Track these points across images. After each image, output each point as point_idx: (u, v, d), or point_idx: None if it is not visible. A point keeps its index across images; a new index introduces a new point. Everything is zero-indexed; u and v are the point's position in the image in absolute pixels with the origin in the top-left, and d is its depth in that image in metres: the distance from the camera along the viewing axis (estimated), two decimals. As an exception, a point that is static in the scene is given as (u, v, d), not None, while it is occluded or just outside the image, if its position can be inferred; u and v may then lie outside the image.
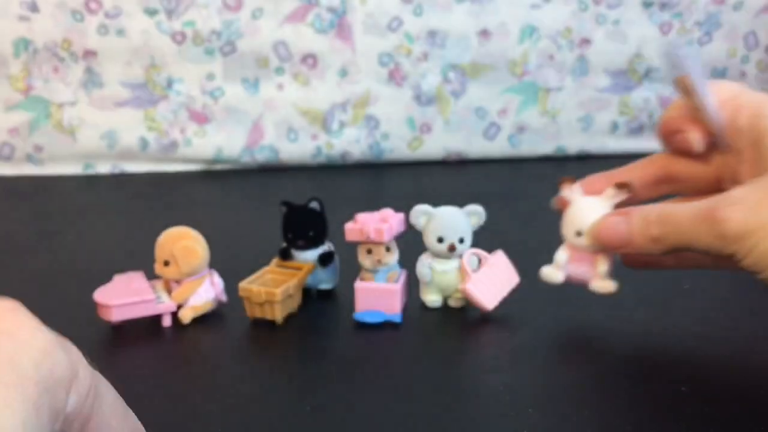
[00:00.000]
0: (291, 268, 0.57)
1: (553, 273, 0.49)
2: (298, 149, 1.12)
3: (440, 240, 0.54)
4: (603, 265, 0.48)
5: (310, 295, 0.58)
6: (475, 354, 0.50)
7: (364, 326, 0.53)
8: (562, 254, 0.49)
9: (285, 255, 0.58)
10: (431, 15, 1.08)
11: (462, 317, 0.55)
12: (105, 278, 0.55)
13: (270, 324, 0.53)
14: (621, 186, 0.45)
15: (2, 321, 0.21)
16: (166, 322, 0.53)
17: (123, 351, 0.50)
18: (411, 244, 0.56)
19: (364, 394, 0.43)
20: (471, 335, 0.53)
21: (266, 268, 0.57)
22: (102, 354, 0.49)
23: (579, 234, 0.47)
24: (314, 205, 0.57)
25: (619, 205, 0.45)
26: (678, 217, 0.39)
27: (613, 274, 0.48)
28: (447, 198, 0.59)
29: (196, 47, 1.07)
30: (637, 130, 1.16)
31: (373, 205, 0.57)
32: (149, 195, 1.00)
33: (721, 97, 0.41)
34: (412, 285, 0.57)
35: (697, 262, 0.45)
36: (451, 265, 0.54)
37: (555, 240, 0.49)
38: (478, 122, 1.13)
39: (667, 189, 0.47)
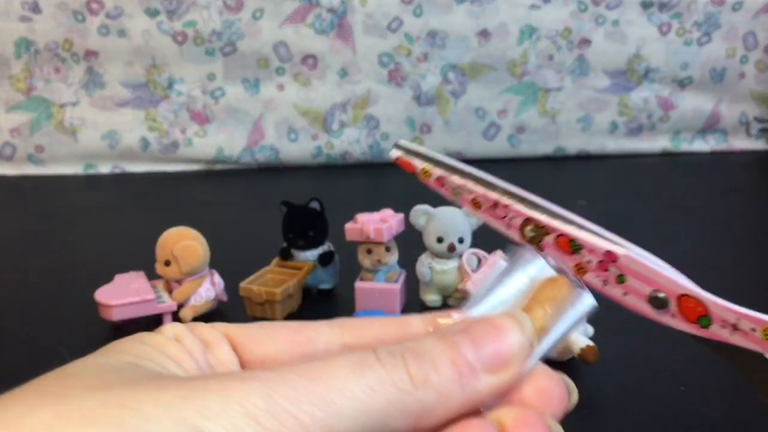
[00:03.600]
0: (291, 268, 0.57)
1: None
2: (299, 149, 1.12)
3: (440, 240, 0.54)
4: None
5: (310, 294, 0.59)
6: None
7: (363, 326, 0.53)
8: None
9: (285, 255, 0.58)
10: (431, 16, 1.08)
11: (461, 317, 0.55)
12: (106, 278, 0.55)
13: (270, 323, 0.53)
14: None
15: None
16: (167, 321, 0.53)
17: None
18: (411, 244, 0.57)
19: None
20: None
21: (266, 268, 0.57)
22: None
23: None
24: (314, 205, 0.57)
25: None
26: None
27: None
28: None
29: (197, 48, 1.07)
30: (637, 131, 1.16)
31: (373, 205, 0.57)
32: (150, 195, 1.00)
33: None
34: (412, 285, 0.58)
35: None
36: (451, 265, 0.55)
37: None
38: (477, 122, 1.14)
39: None
